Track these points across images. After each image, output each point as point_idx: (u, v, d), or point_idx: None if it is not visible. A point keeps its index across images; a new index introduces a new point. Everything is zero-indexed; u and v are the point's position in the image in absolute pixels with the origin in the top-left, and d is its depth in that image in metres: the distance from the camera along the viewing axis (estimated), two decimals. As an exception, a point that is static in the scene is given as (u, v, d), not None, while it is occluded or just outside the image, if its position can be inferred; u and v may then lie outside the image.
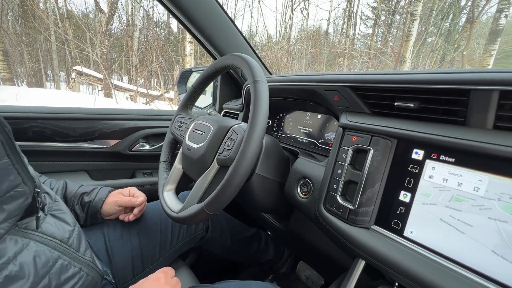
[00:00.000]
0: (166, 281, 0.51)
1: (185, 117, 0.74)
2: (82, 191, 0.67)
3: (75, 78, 8.37)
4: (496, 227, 0.33)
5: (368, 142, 0.48)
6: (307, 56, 10.86)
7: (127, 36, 8.96)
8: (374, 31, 12.73)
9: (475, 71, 0.38)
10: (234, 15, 13.42)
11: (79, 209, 0.65)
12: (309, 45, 10.41)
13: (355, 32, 13.42)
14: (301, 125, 0.85)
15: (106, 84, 7.75)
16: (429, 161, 0.41)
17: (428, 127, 0.42)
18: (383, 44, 10.78)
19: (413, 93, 0.44)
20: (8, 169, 0.37)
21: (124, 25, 9.99)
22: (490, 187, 0.35)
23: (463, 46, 9.04)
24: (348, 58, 10.47)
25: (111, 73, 9.17)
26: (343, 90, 0.55)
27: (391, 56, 8.56)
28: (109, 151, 0.94)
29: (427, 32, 11.51)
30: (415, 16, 7.06)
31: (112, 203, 0.67)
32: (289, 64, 8.39)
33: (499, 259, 0.33)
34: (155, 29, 10.65)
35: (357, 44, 13.65)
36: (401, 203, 0.43)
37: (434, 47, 10.79)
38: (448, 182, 0.38)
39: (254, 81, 0.50)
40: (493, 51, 6.49)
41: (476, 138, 0.36)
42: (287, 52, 8.72)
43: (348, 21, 12.29)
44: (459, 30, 10.68)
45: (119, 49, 11.57)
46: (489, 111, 0.36)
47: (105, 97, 7.94)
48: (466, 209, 0.36)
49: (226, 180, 0.46)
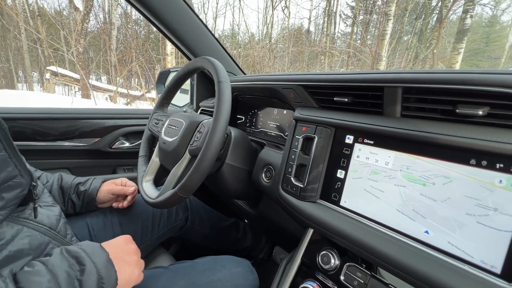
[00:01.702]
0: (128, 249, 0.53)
1: (162, 115, 0.81)
2: (77, 181, 0.73)
3: (50, 78, 8.02)
4: (399, 191, 0.44)
5: (314, 131, 0.57)
6: (289, 55, 11.02)
7: (104, 34, 8.70)
8: (353, 30, 13.14)
9: (387, 72, 0.48)
10: (215, 14, 13.33)
11: (75, 197, 0.71)
12: (291, 44, 10.58)
13: (335, 30, 13.75)
14: (270, 120, 0.94)
15: (84, 85, 7.50)
16: (357, 144, 0.51)
17: (357, 117, 0.52)
18: (362, 43, 11.16)
19: (346, 90, 0.54)
20: (6, 161, 0.43)
21: (101, 23, 9.67)
22: (395, 161, 0.45)
23: (434, 44, 9.57)
24: (329, 56, 10.75)
25: (88, 73, 8.86)
26: (297, 88, 0.65)
27: (369, 54, 8.91)
28: (90, 148, 0.98)
29: (402, 31, 12.03)
30: (389, 16, 7.39)
31: (106, 191, 0.73)
32: (271, 63, 8.50)
33: (401, 215, 0.43)
34: (134, 27, 10.39)
35: (338, 42, 14.01)
36: (338, 179, 0.53)
37: (409, 45, 11.33)
38: (369, 160, 0.49)
39: (218, 81, 0.58)
40: (460, 49, 6.93)
41: (388, 124, 0.47)
42: (268, 50, 8.83)
43: (328, 20, 12.58)
44: (430, 29, 11.27)
45: (96, 48, 11.17)
46: (397, 103, 0.47)
47: (83, 98, 7.68)
48: (380, 179, 0.47)
49: (194, 166, 0.54)
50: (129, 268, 0.47)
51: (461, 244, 0.37)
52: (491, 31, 19.83)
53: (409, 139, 0.44)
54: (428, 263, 0.38)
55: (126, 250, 0.50)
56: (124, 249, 0.50)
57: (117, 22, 9.29)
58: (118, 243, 0.51)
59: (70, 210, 0.70)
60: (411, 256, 0.40)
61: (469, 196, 0.37)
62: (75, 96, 8.76)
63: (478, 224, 0.36)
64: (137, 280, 0.49)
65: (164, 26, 0.91)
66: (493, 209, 0.35)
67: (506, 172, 0.34)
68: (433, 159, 0.41)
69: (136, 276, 0.49)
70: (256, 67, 8.69)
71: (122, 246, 0.50)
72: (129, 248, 0.51)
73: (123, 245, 0.51)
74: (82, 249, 0.43)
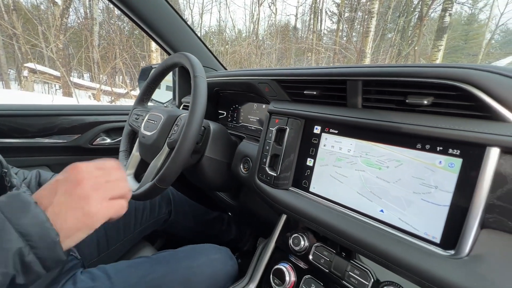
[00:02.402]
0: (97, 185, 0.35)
1: (142, 110, 0.82)
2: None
3: (28, 76, 7.69)
4: (359, 175, 0.48)
5: (286, 123, 0.61)
6: (276, 52, 11.05)
7: (86, 30, 8.40)
8: (339, 27, 13.32)
9: (349, 66, 0.52)
10: (201, 10, 13.14)
11: None
12: (277, 41, 10.60)
13: (322, 27, 13.88)
14: (250, 115, 0.97)
15: (65, 82, 7.24)
16: (324, 134, 0.55)
17: (324, 109, 0.56)
18: (347, 40, 11.33)
19: (314, 83, 0.58)
20: None
21: (81, 18, 9.33)
22: (356, 148, 0.49)
23: (416, 42, 9.87)
24: (316, 53, 10.87)
25: (69, 70, 8.55)
26: (271, 82, 0.68)
27: (354, 51, 9.08)
28: (70, 145, 0.98)
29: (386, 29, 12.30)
30: (372, 14, 7.55)
31: None
32: (258, 59, 8.51)
33: (360, 197, 0.48)
34: (117, 23, 10.08)
35: (324, 39, 14.16)
36: (307, 167, 0.57)
37: (393, 42, 11.63)
38: (334, 148, 0.53)
39: (194, 76, 0.61)
40: (440, 46, 7.19)
41: (350, 115, 0.51)
42: (255, 47, 8.82)
43: (314, 17, 12.68)
44: (412, 27, 11.60)
45: (77, 44, 10.77)
46: (358, 95, 0.51)
47: (65, 96, 7.42)
48: (343, 165, 0.51)
49: (171, 158, 0.56)
50: (78, 210, 0.33)
51: (409, 220, 0.41)
52: (469, 29, 20.62)
53: (368, 128, 0.48)
54: (382, 238, 0.42)
55: (70, 185, 0.34)
56: (68, 186, 0.33)
57: (99, 18, 8.99)
58: (58, 180, 0.34)
59: None
60: (368, 233, 0.44)
61: (415, 176, 0.41)
62: (56, 94, 8.44)
63: (423, 201, 0.40)
64: (104, 214, 0.34)
65: (143, 23, 0.91)
66: (434, 187, 0.39)
67: (444, 154, 0.39)
68: (387, 145, 0.45)
69: (97, 211, 0.33)
70: (243, 63, 8.67)
71: (63, 183, 0.34)
72: (78, 178, 0.34)
73: (67, 180, 0.34)
74: None
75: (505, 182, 0.34)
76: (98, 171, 0.36)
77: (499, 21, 16.56)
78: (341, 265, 0.48)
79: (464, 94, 0.38)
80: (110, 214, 0.35)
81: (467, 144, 0.37)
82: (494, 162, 0.34)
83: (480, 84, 0.36)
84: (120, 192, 0.37)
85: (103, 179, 0.36)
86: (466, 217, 0.36)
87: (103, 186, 0.35)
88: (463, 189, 0.37)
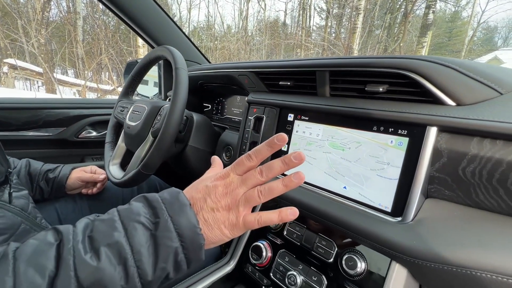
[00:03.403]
0: (243, 182, 0.33)
1: (127, 102, 0.85)
2: (46, 168, 0.75)
3: (8, 72, 7.40)
4: (326, 157, 0.53)
5: (263, 112, 0.65)
6: (266, 48, 11.05)
7: (69, 25, 8.13)
8: (327, 23, 13.43)
9: (317, 59, 0.56)
10: (189, 5, 12.93)
11: (44, 184, 0.73)
12: (267, 37, 10.60)
13: (311, 23, 13.96)
14: (234, 107, 1.01)
15: (48, 79, 7.01)
16: (296, 121, 0.60)
17: (297, 98, 0.60)
18: (336, 37, 11.45)
19: (288, 74, 0.62)
20: None
21: (64, 12, 9.00)
22: (324, 133, 0.54)
23: (401, 38, 10.11)
24: (305, 49, 10.95)
25: (52, 66, 8.27)
26: (250, 74, 0.72)
27: (342, 47, 9.20)
28: (55, 138, 0.99)
29: (373, 25, 12.49)
30: (359, 10, 7.67)
31: (76, 178, 0.76)
32: (247, 55, 8.50)
33: (327, 176, 0.53)
34: (102, 17, 9.79)
35: (313, 35, 14.26)
36: (283, 152, 0.62)
37: (380, 39, 11.85)
38: (305, 133, 0.57)
39: (176, 67, 0.64)
40: (424, 42, 7.40)
41: (319, 103, 0.56)
42: (244, 43, 8.80)
43: (303, 13, 12.73)
44: (398, 24, 11.84)
45: (60, 39, 10.40)
46: (326, 85, 0.56)
47: (48, 93, 7.19)
48: (313, 148, 0.56)
49: (155, 145, 0.60)
50: (223, 223, 0.32)
51: (367, 193, 0.47)
52: (453, 26, 21.21)
53: (334, 114, 0.53)
54: (344, 211, 0.48)
55: (218, 197, 0.33)
56: (215, 197, 0.33)
57: (82, 12, 8.71)
58: (208, 186, 0.33)
59: (38, 196, 0.73)
60: (334, 207, 0.49)
61: (372, 155, 0.47)
62: (38, 91, 8.16)
63: (378, 176, 0.46)
64: (248, 227, 0.33)
65: (127, 17, 0.93)
66: (387, 163, 0.45)
67: (395, 134, 0.44)
68: (349, 129, 0.50)
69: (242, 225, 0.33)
70: (232, 60, 8.64)
71: (213, 191, 0.33)
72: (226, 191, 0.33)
73: (216, 189, 0.33)
74: (161, 197, 0.33)
75: (441, 156, 0.40)
76: (248, 176, 0.33)
77: (480, 19, 17.11)
78: (310, 238, 0.53)
79: (411, 82, 0.43)
80: (254, 226, 0.33)
81: (412, 125, 0.42)
82: (433, 140, 0.40)
83: (423, 73, 0.41)
84: (267, 198, 0.33)
85: (251, 183, 0.33)
86: (411, 188, 0.41)
87: (248, 197, 0.33)
88: (409, 164, 0.42)
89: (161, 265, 0.30)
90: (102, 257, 0.28)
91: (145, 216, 0.31)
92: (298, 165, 0.32)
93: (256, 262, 0.58)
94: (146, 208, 0.32)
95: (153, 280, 0.30)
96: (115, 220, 0.31)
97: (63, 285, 0.26)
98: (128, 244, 0.29)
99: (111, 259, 0.28)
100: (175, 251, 0.30)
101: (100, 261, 0.28)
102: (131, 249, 0.29)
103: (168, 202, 0.32)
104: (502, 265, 0.32)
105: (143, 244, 0.29)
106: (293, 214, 0.33)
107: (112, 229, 0.30)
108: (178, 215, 0.31)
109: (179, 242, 0.30)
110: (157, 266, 0.29)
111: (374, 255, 0.44)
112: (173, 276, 0.32)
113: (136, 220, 0.30)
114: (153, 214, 0.31)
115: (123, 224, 0.30)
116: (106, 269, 0.27)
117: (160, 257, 0.29)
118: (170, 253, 0.30)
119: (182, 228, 0.30)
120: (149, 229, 0.30)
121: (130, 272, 0.28)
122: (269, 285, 0.55)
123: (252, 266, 0.59)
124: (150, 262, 0.29)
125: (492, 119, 0.35)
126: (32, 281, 0.26)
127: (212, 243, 0.33)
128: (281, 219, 0.33)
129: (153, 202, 0.32)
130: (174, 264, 0.31)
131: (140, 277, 0.29)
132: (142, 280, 0.29)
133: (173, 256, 0.30)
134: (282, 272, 0.54)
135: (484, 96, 0.38)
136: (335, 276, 0.48)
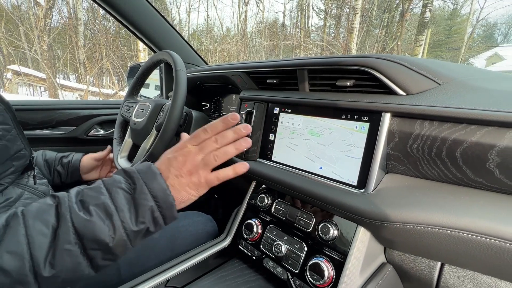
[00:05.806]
0: (200, 150, 0.42)
1: (132, 102, 0.94)
2: (60, 155, 0.86)
3: (12, 78, 7.56)
4: (305, 143, 0.62)
5: (253, 107, 0.74)
6: (265, 49, 11.14)
7: (70, 30, 8.29)
8: (326, 23, 13.53)
9: (297, 59, 0.65)
10: (189, 8, 13.08)
11: (60, 168, 0.83)
12: (265, 39, 10.70)
13: (310, 24, 14.04)
14: (230, 105, 1.10)
15: (51, 84, 7.15)
16: (281, 113, 0.69)
17: (282, 93, 0.69)
18: (334, 37, 11.54)
19: (274, 73, 0.71)
20: (15, 137, 0.55)
21: (65, 18, 9.17)
22: (303, 122, 0.63)
23: (399, 37, 10.18)
24: (304, 50, 11.04)
25: (55, 71, 8.42)
26: (242, 74, 0.81)
27: (341, 47, 9.29)
28: (67, 136, 1.08)
29: (372, 24, 12.55)
30: (356, 10, 7.75)
31: (89, 158, 0.87)
32: (246, 57, 8.60)
33: (307, 159, 0.62)
34: (102, 22, 9.96)
35: (312, 36, 14.35)
36: (270, 141, 0.70)
37: (378, 38, 11.93)
38: (288, 124, 0.66)
39: (176, 69, 0.73)
40: (421, 41, 7.47)
41: (300, 97, 0.64)
42: (243, 45, 8.90)
43: (302, 13, 12.82)
44: (396, 23, 11.91)
45: (62, 45, 10.58)
46: (305, 81, 0.65)
47: (51, 98, 7.33)
48: (295, 137, 0.64)
49: (159, 137, 0.69)
50: (187, 184, 0.41)
51: (338, 171, 0.56)
52: (452, 23, 21.20)
53: (311, 106, 0.62)
54: (320, 187, 0.56)
55: (178, 164, 0.41)
56: (177, 164, 0.41)
57: (83, 17, 8.87)
58: (170, 158, 0.42)
59: (56, 180, 0.82)
60: (312, 185, 0.58)
61: (342, 139, 0.55)
62: (42, 96, 8.31)
63: (346, 156, 0.54)
64: (210, 183, 0.43)
65: (128, 22, 1.02)
66: (353, 145, 0.53)
67: (359, 121, 0.53)
68: (324, 118, 0.59)
69: (204, 182, 0.42)
70: (231, 61, 8.74)
71: (174, 161, 0.42)
72: (183, 159, 0.42)
73: (176, 159, 0.42)
74: (136, 169, 0.40)
75: (394, 136, 0.49)
76: (204, 145, 0.43)
77: (479, 16, 17.11)
78: (293, 213, 0.62)
79: (371, 76, 0.52)
80: (215, 182, 0.43)
81: (371, 112, 0.51)
82: (387, 123, 0.49)
83: (379, 69, 0.50)
84: (222, 160, 0.42)
85: (208, 150, 0.42)
86: (371, 165, 0.50)
87: (206, 161, 0.42)
88: (370, 145, 0.51)
89: (141, 219, 0.37)
90: (93, 213, 0.35)
91: (125, 183, 0.39)
92: (246, 134, 0.45)
93: (248, 237, 0.67)
94: (125, 178, 0.40)
95: (136, 232, 0.38)
96: (101, 187, 0.38)
97: (64, 234, 0.33)
98: (113, 204, 0.36)
99: (100, 215, 0.35)
100: (151, 208, 0.38)
101: (91, 216, 0.35)
102: (115, 208, 0.36)
103: (142, 172, 0.40)
104: (437, 219, 0.40)
105: (124, 204, 0.37)
106: (244, 167, 0.45)
107: (99, 194, 0.37)
108: (151, 181, 0.38)
109: (154, 202, 0.38)
110: (138, 220, 0.38)
111: (344, 223, 0.53)
112: (154, 230, 0.40)
113: (118, 186, 0.38)
114: (132, 182, 0.39)
115: (108, 190, 0.38)
116: (97, 222, 0.35)
117: (139, 214, 0.37)
118: (147, 210, 0.37)
119: (155, 191, 0.38)
120: (128, 193, 0.38)
121: (116, 225, 0.36)
122: (259, 256, 0.64)
123: (245, 241, 0.68)
124: (133, 217, 0.37)
125: (429, 104, 0.44)
126: (40, 230, 0.33)
127: (182, 203, 0.42)
128: (235, 172, 0.44)
129: (130, 173, 0.40)
130: (152, 220, 0.38)
131: (125, 228, 0.37)
132: (127, 231, 0.37)
133: (150, 213, 0.38)
134: (270, 244, 0.63)
135: (426, 86, 0.47)
136: (313, 242, 0.56)
